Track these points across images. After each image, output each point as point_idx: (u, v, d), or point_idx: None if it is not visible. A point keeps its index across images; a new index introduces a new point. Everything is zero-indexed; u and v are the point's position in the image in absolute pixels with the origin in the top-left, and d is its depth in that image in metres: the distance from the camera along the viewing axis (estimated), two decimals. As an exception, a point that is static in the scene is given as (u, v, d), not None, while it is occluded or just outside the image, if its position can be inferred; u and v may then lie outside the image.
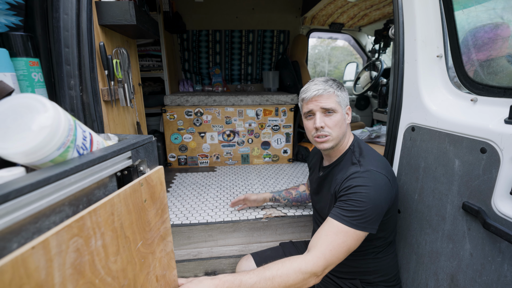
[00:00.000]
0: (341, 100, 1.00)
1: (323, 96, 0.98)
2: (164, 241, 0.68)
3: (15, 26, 0.90)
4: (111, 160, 0.53)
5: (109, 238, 0.48)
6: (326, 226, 0.90)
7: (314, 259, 0.85)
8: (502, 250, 0.75)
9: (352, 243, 0.88)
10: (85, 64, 1.03)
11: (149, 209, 0.61)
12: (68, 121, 0.45)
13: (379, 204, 0.88)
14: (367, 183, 0.89)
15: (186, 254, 1.50)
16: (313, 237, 0.93)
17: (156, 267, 0.65)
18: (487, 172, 0.78)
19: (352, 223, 0.87)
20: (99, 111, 1.10)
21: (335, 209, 0.92)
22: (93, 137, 0.54)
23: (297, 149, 2.67)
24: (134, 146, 0.60)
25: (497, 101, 0.84)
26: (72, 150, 0.47)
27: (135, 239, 0.56)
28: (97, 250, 0.45)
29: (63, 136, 0.43)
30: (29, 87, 0.90)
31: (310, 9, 2.83)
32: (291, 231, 1.61)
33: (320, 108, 0.99)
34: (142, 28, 1.30)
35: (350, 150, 1.04)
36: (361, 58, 3.69)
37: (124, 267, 0.52)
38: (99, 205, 0.45)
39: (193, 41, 3.14)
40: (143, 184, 0.58)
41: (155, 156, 0.69)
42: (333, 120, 0.99)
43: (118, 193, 0.50)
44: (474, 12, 0.93)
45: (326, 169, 1.11)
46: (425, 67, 1.05)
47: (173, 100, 2.38)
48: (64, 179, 0.41)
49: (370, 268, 1.04)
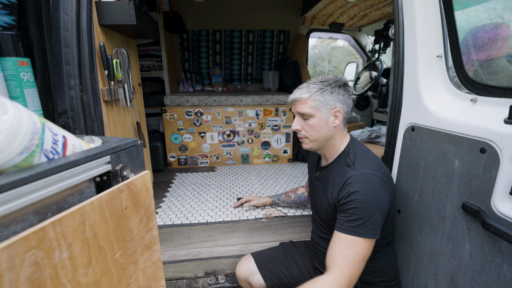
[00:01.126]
0: (320, 104, 0.98)
1: (299, 101, 1.00)
2: (149, 250, 0.65)
3: (8, 25, 0.89)
4: (85, 165, 0.49)
5: (78, 249, 0.45)
6: (336, 241, 0.91)
7: (336, 278, 0.86)
8: (501, 250, 0.75)
9: (366, 251, 0.88)
10: (85, 64, 1.03)
11: (131, 217, 0.58)
12: (33, 124, 0.42)
13: (379, 207, 0.88)
14: (362, 188, 0.89)
15: (186, 254, 1.50)
16: (327, 254, 0.93)
17: (139, 278, 0.61)
18: (487, 172, 0.78)
19: (360, 232, 0.87)
20: (99, 111, 1.10)
21: (339, 221, 0.93)
22: (68, 141, 0.51)
23: (297, 149, 2.67)
24: (114, 150, 0.57)
25: (497, 101, 0.84)
26: (39, 155, 0.44)
27: (112, 249, 0.53)
28: (62, 263, 0.42)
29: (25, 140, 0.40)
30: (18, 87, 0.88)
31: (310, 9, 2.83)
32: (291, 231, 1.61)
33: (297, 113, 1.03)
34: (142, 28, 1.30)
35: (345, 152, 1.04)
36: (361, 58, 3.69)
37: (97, 279, 0.49)
38: (65, 214, 0.42)
39: (193, 41, 3.14)
40: (123, 191, 0.55)
41: (140, 160, 0.65)
42: (309, 124, 1.01)
43: (92, 201, 0.48)
44: (474, 12, 0.93)
45: (323, 170, 1.11)
46: (425, 67, 1.05)
47: (173, 100, 2.38)
48: (23, 187, 0.38)
49: (369, 268, 1.04)
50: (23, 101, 0.90)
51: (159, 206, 1.73)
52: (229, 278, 1.47)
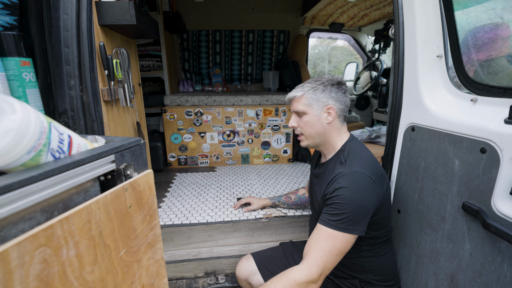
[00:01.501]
0: (312, 102, 1.03)
1: (294, 100, 1.08)
2: (152, 249, 0.66)
3: (10, 25, 0.88)
4: (90, 164, 0.50)
5: (85, 247, 0.45)
6: (316, 232, 0.93)
7: (307, 267, 0.88)
8: (501, 250, 0.75)
9: (342, 246, 0.90)
10: (85, 64, 1.03)
11: (134, 215, 0.58)
12: (40, 123, 0.42)
13: (363, 205, 0.89)
14: (348, 185, 0.90)
15: (186, 254, 1.50)
16: (306, 244, 0.95)
17: (143, 275, 0.62)
18: (487, 172, 0.78)
19: (339, 227, 0.89)
20: (99, 111, 1.10)
21: (323, 214, 0.95)
22: (73, 140, 0.51)
23: (297, 149, 2.67)
24: (118, 150, 0.57)
25: (497, 101, 0.84)
26: (46, 154, 0.44)
27: (117, 247, 0.53)
28: (70, 260, 0.42)
29: (33, 139, 0.41)
30: (20, 87, 0.88)
31: (310, 9, 2.83)
32: (291, 231, 1.61)
33: (293, 111, 1.09)
34: (142, 28, 1.30)
35: (341, 149, 1.05)
36: (361, 58, 3.69)
37: (103, 277, 0.50)
38: (72, 212, 0.43)
39: (193, 41, 3.14)
40: (127, 189, 0.56)
41: (143, 159, 0.65)
42: (303, 121, 1.06)
43: (97, 199, 0.48)
44: (474, 12, 0.93)
45: (320, 167, 1.13)
46: (425, 67, 1.05)
47: (173, 100, 2.38)
48: (31, 185, 0.39)
49: (366, 267, 1.04)
50: (25, 101, 0.89)
51: (159, 206, 1.73)
52: (229, 278, 1.47)
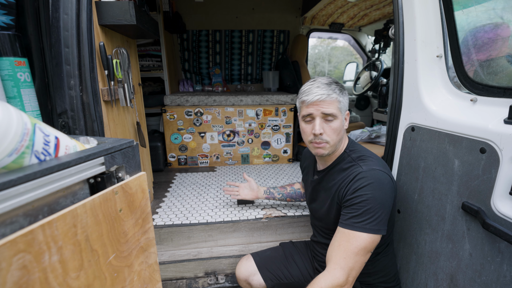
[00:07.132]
0: (342, 106, 0.97)
1: (326, 102, 0.93)
2: (145, 253, 0.64)
3: (6, 25, 0.88)
4: (77, 167, 0.48)
5: (70, 252, 0.44)
6: (338, 236, 0.90)
7: (330, 271, 0.86)
8: (501, 250, 0.75)
9: (367, 246, 0.87)
10: (85, 64, 1.03)
11: (125, 219, 0.57)
12: (23, 124, 0.41)
13: (386, 203, 0.88)
14: (371, 183, 0.88)
15: (186, 254, 1.50)
16: (327, 251, 0.93)
17: (134, 281, 0.61)
18: (487, 172, 0.78)
19: (365, 228, 0.86)
20: (99, 111, 1.10)
21: (343, 217, 0.91)
22: (60, 142, 0.50)
23: (297, 149, 2.67)
24: (108, 152, 0.56)
25: (496, 101, 0.84)
26: (29, 156, 0.43)
27: (106, 252, 0.52)
28: (52, 266, 0.41)
29: (14, 141, 0.40)
30: (15, 87, 0.88)
31: (310, 9, 2.83)
32: (291, 231, 1.61)
33: (320, 113, 0.95)
34: (142, 28, 1.30)
35: (345, 152, 1.04)
36: (361, 58, 3.69)
37: (89, 282, 0.48)
38: (56, 217, 0.41)
39: (193, 41, 3.14)
40: (118, 192, 0.54)
41: (136, 161, 0.64)
42: (333, 127, 0.95)
43: (84, 203, 0.47)
44: (474, 12, 0.93)
45: (321, 173, 1.10)
46: (425, 67, 1.05)
47: (173, 100, 2.38)
48: (11, 189, 0.37)
49: (370, 270, 1.04)
50: (20, 101, 0.89)
51: (159, 206, 1.73)
52: (229, 278, 1.47)
